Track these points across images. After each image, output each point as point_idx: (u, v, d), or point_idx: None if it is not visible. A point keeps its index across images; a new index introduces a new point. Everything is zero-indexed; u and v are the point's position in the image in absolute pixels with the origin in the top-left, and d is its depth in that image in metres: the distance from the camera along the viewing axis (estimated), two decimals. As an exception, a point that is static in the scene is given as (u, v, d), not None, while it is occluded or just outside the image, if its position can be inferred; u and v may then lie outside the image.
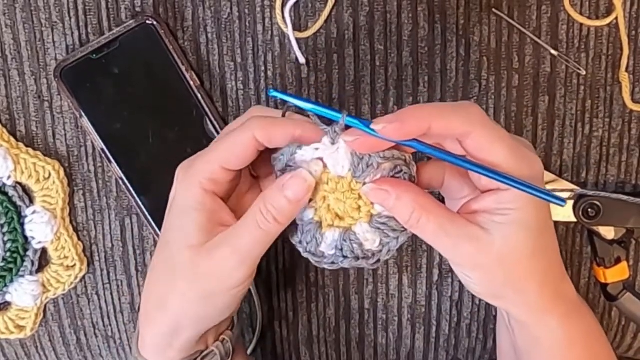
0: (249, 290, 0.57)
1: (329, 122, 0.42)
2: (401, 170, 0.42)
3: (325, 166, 0.42)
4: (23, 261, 0.56)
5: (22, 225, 0.56)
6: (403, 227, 0.43)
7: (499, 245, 0.41)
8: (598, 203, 0.54)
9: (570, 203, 0.55)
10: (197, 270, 0.43)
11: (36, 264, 0.57)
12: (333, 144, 0.41)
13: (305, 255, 0.44)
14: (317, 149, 0.42)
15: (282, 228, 0.43)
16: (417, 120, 0.40)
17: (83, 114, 0.54)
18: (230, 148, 0.42)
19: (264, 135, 0.42)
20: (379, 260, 0.43)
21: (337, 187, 0.42)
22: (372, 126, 0.40)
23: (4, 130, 0.55)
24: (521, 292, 0.44)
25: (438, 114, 0.40)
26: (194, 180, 0.43)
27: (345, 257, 0.43)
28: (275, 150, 0.44)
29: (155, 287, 0.46)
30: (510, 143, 0.41)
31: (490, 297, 0.45)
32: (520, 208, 0.41)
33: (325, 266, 0.44)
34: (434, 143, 0.42)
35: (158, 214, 0.55)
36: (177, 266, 0.43)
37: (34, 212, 0.56)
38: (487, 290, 0.45)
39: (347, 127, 0.41)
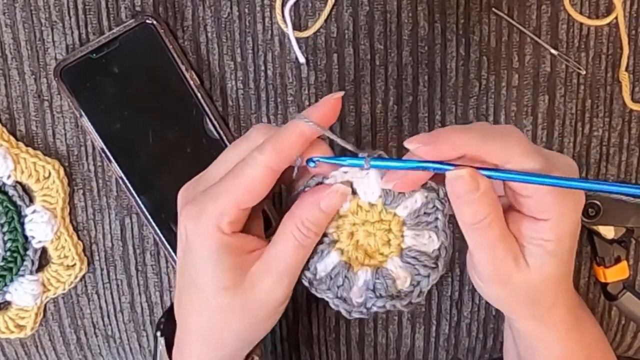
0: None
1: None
2: (434, 206, 0.41)
3: (354, 192, 0.41)
4: (23, 260, 0.56)
5: (22, 224, 0.56)
6: (434, 263, 0.41)
7: (533, 272, 0.42)
8: (598, 202, 0.54)
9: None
10: (245, 306, 0.42)
11: (36, 263, 0.57)
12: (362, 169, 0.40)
13: (335, 303, 0.42)
14: (346, 172, 0.40)
15: (317, 239, 0.42)
16: (452, 147, 0.39)
17: (83, 113, 0.54)
18: (245, 188, 0.41)
19: (283, 165, 0.41)
20: (411, 303, 0.41)
21: (367, 216, 0.41)
22: (405, 143, 0.39)
23: (4, 129, 0.55)
24: (533, 307, 0.44)
25: (474, 143, 0.39)
26: (211, 227, 0.41)
27: (379, 296, 0.41)
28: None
29: (198, 323, 0.44)
30: (549, 172, 0.40)
31: (502, 307, 0.46)
32: (556, 240, 0.41)
33: (356, 315, 0.41)
34: None
35: (158, 214, 0.55)
36: (219, 306, 0.43)
37: (33, 212, 0.56)
38: (504, 304, 0.45)
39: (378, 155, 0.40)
